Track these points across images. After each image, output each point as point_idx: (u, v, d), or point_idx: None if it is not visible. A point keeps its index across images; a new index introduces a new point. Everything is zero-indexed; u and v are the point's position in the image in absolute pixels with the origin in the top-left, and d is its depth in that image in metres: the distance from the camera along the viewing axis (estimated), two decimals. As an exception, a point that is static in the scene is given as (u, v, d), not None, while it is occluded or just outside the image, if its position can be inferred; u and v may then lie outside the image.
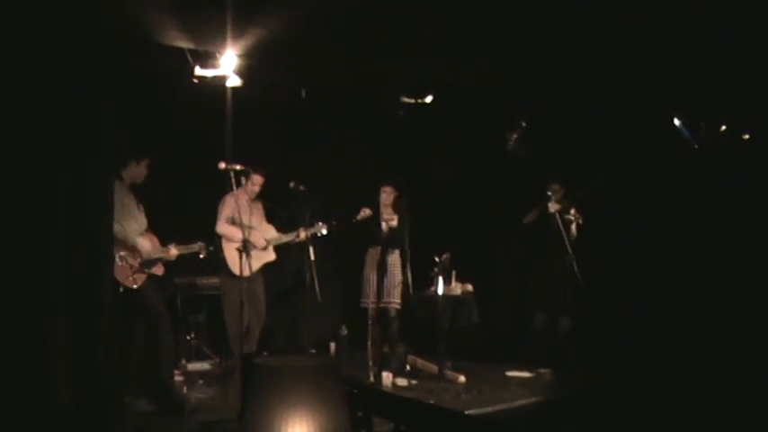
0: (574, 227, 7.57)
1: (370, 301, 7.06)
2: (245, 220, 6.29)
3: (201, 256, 6.14)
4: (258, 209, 6.81)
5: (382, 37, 5.07)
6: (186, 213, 6.97)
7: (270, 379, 2.44)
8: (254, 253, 6.30)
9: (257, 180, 6.61)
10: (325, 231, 6.91)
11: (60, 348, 3.94)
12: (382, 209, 7.18)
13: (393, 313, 7.11)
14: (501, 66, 5.89)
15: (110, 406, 4.32)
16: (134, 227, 5.61)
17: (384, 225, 7.10)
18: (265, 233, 6.75)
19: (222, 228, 6.51)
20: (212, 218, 6.50)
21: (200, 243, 6.03)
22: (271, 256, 6.79)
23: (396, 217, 7.13)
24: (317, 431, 2.36)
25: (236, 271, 6.24)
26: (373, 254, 7.20)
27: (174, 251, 5.79)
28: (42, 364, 3.86)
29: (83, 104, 4.15)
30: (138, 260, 5.53)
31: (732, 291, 7.50)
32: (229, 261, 6.46)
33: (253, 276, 6.23)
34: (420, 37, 5.12)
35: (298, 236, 6.75)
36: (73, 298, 4.01)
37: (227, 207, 6.46)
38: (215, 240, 6.45)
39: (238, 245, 6.18)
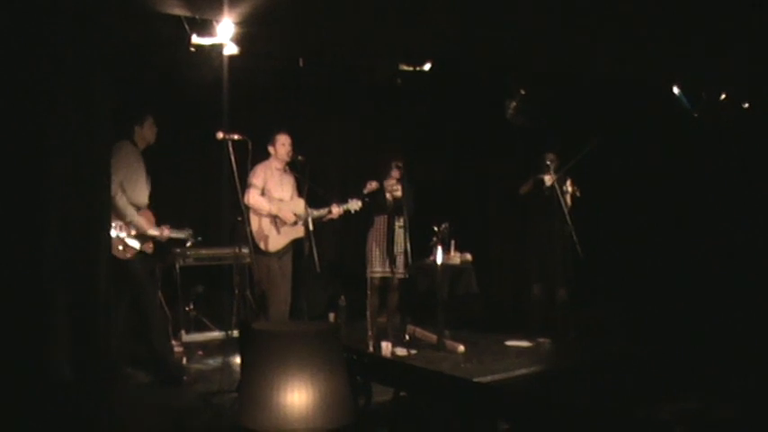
0: (568, 197, 7.52)
1: (378, 271, 6.92)
2: (276, 193, 6.17)
3: (188, 244, 6.09)
4: (289, 181, 6.44)
5: (380, 3, 5.01)
6: (183, 185, 6.93)
7: (268, 345, 2.42)
8: (282, 228, 6.21)
9: (284, 139, 6.23)
10: (358, 206, 6.66)
11: (59, 320, 3.92)
12: (387, 180, 7.02)
13: (396, 283, 6.96)
14: (497, 36, 5.84)
15: (109, 377, 4.32)
16: (140, 196, 5.56)
17: (389, 195, 6.97)
18: (295, 207, 6.35)
19: (252, 199, 6.13)
20: (211, 189, 6.41)
21: (189, 230, 5.98)
22: (300, 232, 6.32)
23: (399, 186, 6.99)
24: (317, 396, 2.35)
25: (263, 246, 6.14)
26: (380, 223, 6.97)
27: (166, 233, 5.72)
28: (41, 337, 3.85)
29: (75, 75, 4.08)
30: (133, 232, 5.49)
31: (731, 258, 7.50)
32: (256, 235, 6.12)
33: (282, 252, 6.15)
34: (419, 3, 5.06)
35: (330, 212, 6.51)
36: (71, 269, 3.98)
37: (257, 177, 6.15)
38: (242, 211, 5.91)
39: (267, 218, 6.10)
